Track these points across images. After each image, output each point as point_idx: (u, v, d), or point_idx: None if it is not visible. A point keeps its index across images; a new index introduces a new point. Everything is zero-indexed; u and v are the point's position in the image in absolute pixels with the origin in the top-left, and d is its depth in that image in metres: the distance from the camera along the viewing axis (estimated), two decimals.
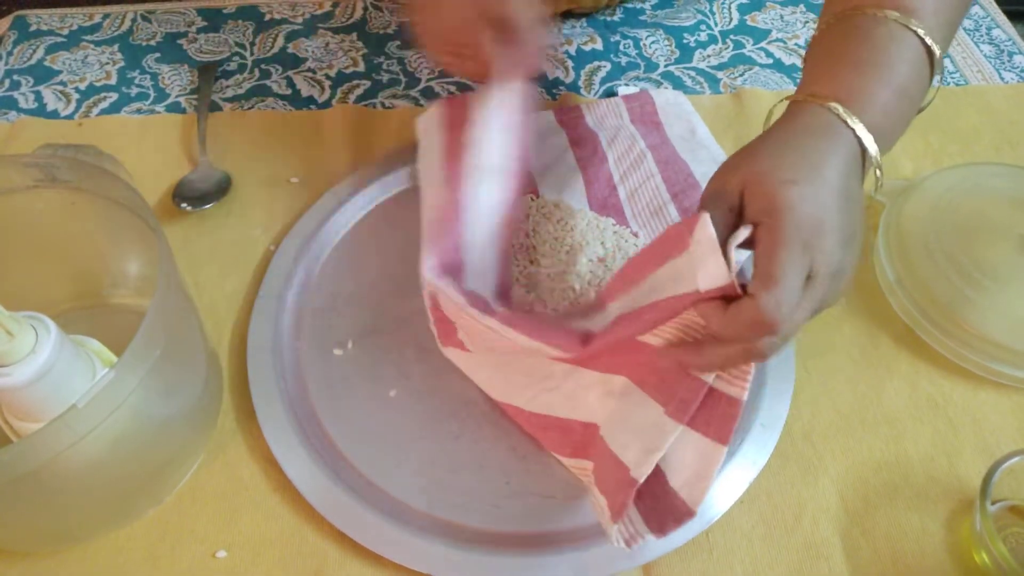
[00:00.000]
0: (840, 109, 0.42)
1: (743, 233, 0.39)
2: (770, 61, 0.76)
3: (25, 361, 0.40)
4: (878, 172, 0.43)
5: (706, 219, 0.39)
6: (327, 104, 0.72)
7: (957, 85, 0.73)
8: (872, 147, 0.42)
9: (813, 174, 0.40)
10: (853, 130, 0.42)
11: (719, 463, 0.43)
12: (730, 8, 0.81)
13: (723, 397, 0.44)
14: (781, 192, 0.39)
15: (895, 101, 0.44)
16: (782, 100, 0.46)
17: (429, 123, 0.59)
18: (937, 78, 0.46)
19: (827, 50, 0.46)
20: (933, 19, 0.45)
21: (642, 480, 0.42)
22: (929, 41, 0.44)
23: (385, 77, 0.74)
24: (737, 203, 0.41)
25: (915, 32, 0.44)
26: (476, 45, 0.52)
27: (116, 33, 0.79)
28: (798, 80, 0.72)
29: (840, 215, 0.40)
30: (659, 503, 0.43)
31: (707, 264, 0.39)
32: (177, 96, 0.73)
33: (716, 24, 0.79)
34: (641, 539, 0.42)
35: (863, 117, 0.42)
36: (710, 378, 0.43)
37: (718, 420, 0.43)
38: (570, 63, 0.76)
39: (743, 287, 0.39)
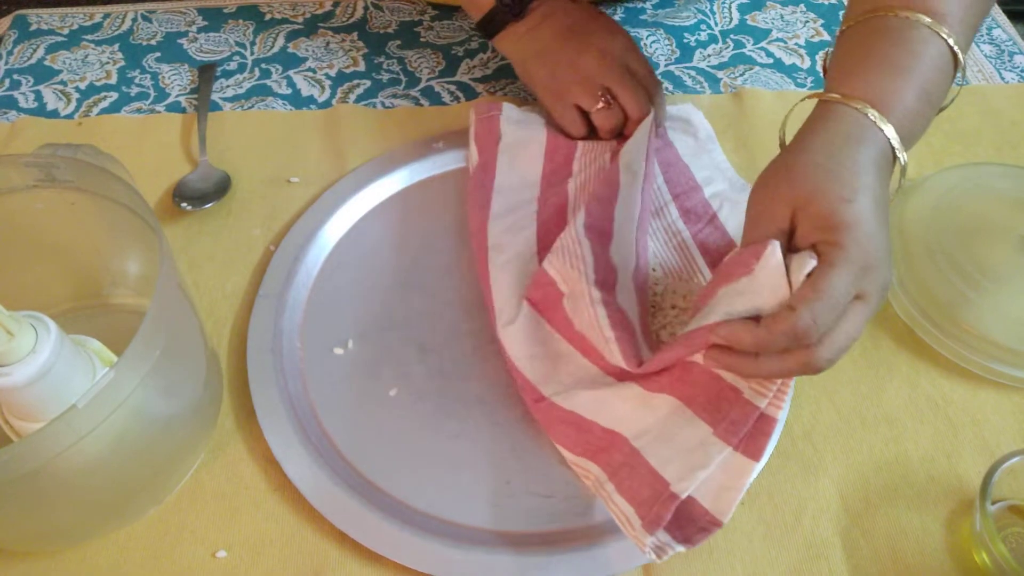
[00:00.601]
0: (874, 113, 0.42)
1: (811, 263, 0.39)
2: (770, 61, 0.76)
3: (25, 361, 0.40)
4: (903, 177, 0.44)
5: (775, 246, 0.40)
6: (327, 104, 0.72)
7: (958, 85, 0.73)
8: (902, 154, 0.43)
9: (860, 187, 0.40)
10: (889, 140, 0.42)
11: (749, 477, 0.43)
12: (730, 8, 0.81)
13: (760, 415, 0.44)
14: (840, 211, 0.39)
15: (920, 104, 0.44)
16: (806, 98, 0.46)
17: (513, 116, 0.65)
18: (959, 77, 0.46)
19: (855, 49, 0.46)
20: (960, 25, 0.45)
21: (684, 496, 0.43)
22: (956, 49, 0.45)
23: (385, 77, 0.74)
24: (788, 225, 0.41)
25: (944, 39, 0.44)
26: (619, 84, 0.61)
27: (116, 33, 0.79)
28: (798, 80, 0.74)
29: (881, 226, 0.40)
30: (678, 513, 0.44)
31: (769, 288, 0.39)
32: (177, 96, 0.73)
33: (716, 24, 0.79)
34: (671, 549, 0.42)
35: (891, 119, 0.42)
36: (763, 403, 0.44)
37: (748, 436, 0.44)
38: None
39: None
